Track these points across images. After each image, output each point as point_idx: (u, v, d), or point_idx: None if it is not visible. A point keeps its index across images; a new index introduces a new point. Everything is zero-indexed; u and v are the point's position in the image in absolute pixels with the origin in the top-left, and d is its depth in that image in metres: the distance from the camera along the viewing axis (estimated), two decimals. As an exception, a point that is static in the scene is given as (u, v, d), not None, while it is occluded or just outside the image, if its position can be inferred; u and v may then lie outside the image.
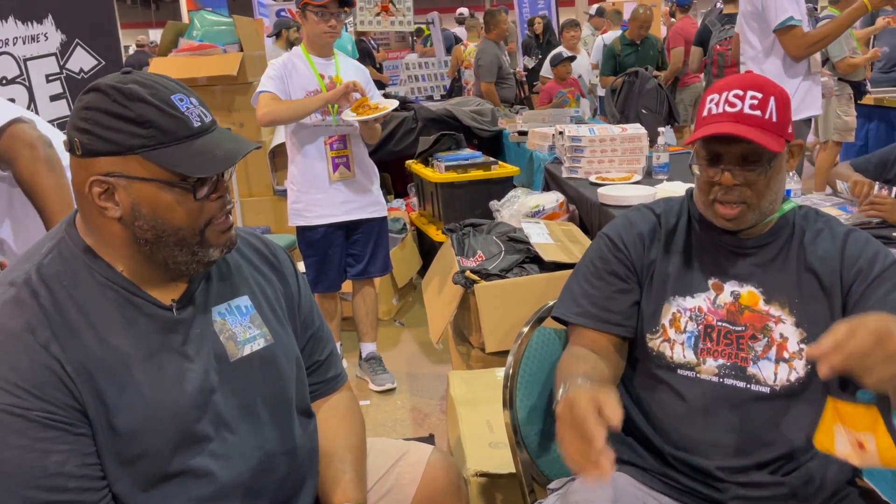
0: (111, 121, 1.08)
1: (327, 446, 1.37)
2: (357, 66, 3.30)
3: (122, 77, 1.12)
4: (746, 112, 1.34)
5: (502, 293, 2.72)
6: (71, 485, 1.07)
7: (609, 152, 3.55)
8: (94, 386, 1.10)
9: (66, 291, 1.12)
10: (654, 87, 4.25)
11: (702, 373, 1.40)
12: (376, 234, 3.35)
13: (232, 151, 1.13)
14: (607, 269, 1.49)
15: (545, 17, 9.52)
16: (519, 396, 1.56)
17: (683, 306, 1.44)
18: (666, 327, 1.44)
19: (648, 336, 1.45)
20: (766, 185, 1.37)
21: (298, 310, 1.39)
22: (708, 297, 1.43)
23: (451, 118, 5.35)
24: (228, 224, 1.19)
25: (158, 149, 1.09)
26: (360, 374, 3.54)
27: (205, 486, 1.18)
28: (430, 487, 1.43)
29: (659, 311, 1.45)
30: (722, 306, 1.42)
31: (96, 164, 1.09)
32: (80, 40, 2.25)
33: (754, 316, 1.40)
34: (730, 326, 1.41)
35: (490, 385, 2.37)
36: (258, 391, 1.26)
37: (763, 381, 1.38)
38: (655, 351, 1.44)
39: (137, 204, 1.11)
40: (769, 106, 1.35)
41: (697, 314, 1.43)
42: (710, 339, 1.41)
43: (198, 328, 1.21)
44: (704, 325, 1.42)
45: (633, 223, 1.52)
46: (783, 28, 3.21)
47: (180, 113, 1.10)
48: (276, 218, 5.00)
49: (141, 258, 1.16)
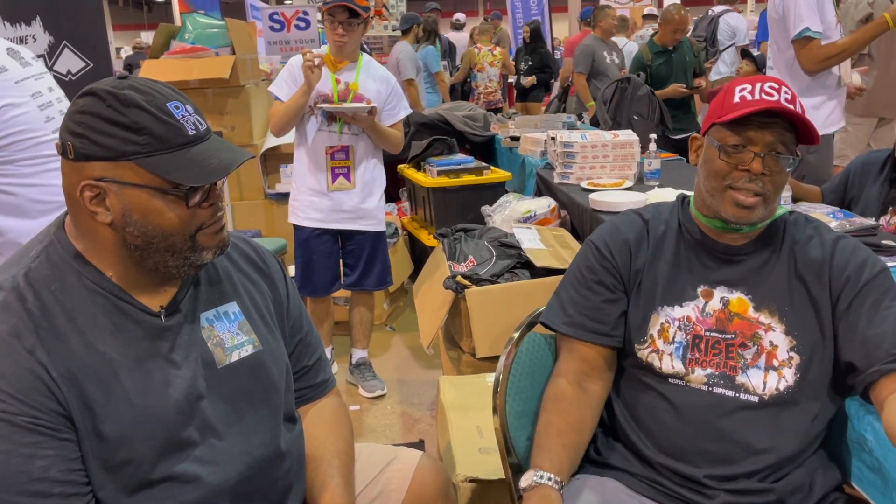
0: (106, 126, 1.07)
1: (315, 452, 1.37)
2: (384, 76, 3.22)
3: (119, 82, 1.11)
4: (784, 103, 1.32)
5: (493, 298, 2.71)
6: (55, 490, 1.06)
7: (601, 158, 3.56)
8: (80, 392, 1.09)
9: (54, 296, 1.11)
10: (646, 93, 4.26)
11: (691, 382, 1.40)
12: (370, 248, 3.32)
13: (227, 161, 1.13)
14: (594, 278, 1.48)
15: (533, 23, 9.52)
16: (508, 402, 1.56)
17: (671, 316, 1.43)
18: (654, 337, 1.43)
19: (637, 346, 1.44)
20: (784, 181, 1.37)
21: (287, 315, 1.39)
22: (696, 306, 1.42)
23: (444, 123, 5.35)
24: (220, 225, 1.19)
25: (153, 156, 1.08)
26: (350, 379, 3.53)
27: (191, 492, 1.17)
28: (419, 493, 1.43)
29: (647, 321, 1.44)
30: (711, 314, 1.41)
31: (88, 169, 1.08)
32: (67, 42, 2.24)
33: (743, 324, 1.39)
34: (718, 335, 1.40)
35: (480, 390, 2.36)
36: (246, 397, 1.26)
37: (752, 390, 1.37)
38: (644, 361, 1.44)
39: (128, 210, 1.10)
40: (799, 105, 1.34)
41: (686, 324, 1.41)
42: (699, 350, 1.40)
43: (185, 335, 1.21)
44: (693, 335, 1.41)
45: (620, 229, 1.51)
46: (800, 39, 3.08)
47: (176, 121, 1.10)
48: (266, 222, 4.98)
49: (130, 263, 1.15)
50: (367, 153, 3.20)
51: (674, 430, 1.39)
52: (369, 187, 3.24)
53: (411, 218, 4.87)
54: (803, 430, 1.37)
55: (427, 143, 4.60)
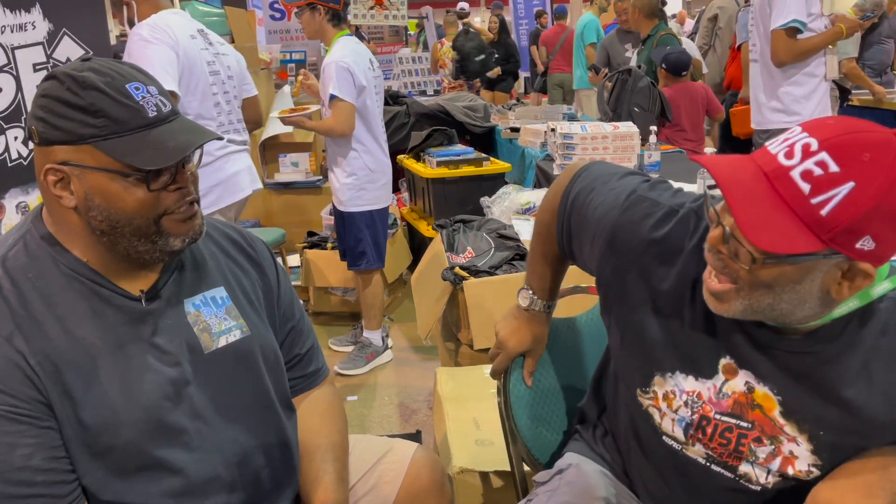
0: (64, 109, 1.06)
1: (308, 443, 1.36)
2: (325, 63, 3.33)
3: (79, 65, 1.10)
4: (792, 176, 0.91)
5: (491, 290, 2.71)
6: (38, 479, 1.06)
7: (601, 150, 3.55)
8: (59, 379, 1.09)
9: (31, 283, 1.11)
10: (647, 85, 4.24)
11: (688, 451, 1.20)
12: (338, 224, 3.54)
13: (184, 143, 1.10)
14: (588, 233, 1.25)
15: (499, 14, 9.45)
16: (512, 381, 1.55)
17: (681, 387, 1.15)
18: (658, 397, 1.20)
19: (639, 392, 1.22)
20: (755, 282, 0.96)
21: (278, 302, 1.37)
22: (714, 385, 1.13)
23: (444, 113, 5.34)
24: (191, 213, 1.16)
25: (110, 139, 1.06)
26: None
27: (179, 479, 1.17)
28: (414, 485, 1.42)
29: (651, 377, 1.19)
30: (728, 395, 1.12)
31: (52, 153, 1.08)
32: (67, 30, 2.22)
33: (766, 421, 1.10)
34: (732, 421, 1.12)
35: (478, 382, 2.36)
36: (234, 383, 1.25)
37: (754, 480, 1.14)
38: (644, 408, 1.23)
39: (90, 194, 1.09)
40: (837, 192, 0.88)
41: (694, 401, 1.15)
42: (703, 433, 1.15)
43: (169, 319, 1.20)
44: (700, 415, 1.15)
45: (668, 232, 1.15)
46: (786, 28, 3.12)
47: (135, 102, 1.08)
48: (265, 212, 4.97)
49: (102, 249, 1.14)
50: (327, 139, 3.47)
51: (661, 482, 1.26)
52: (337, 165, 3.43)
53: (410, 208, 4.87)
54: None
55: (427, 134, 4.59)
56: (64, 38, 2.26)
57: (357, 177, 3.38)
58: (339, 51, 3.25)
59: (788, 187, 0.91)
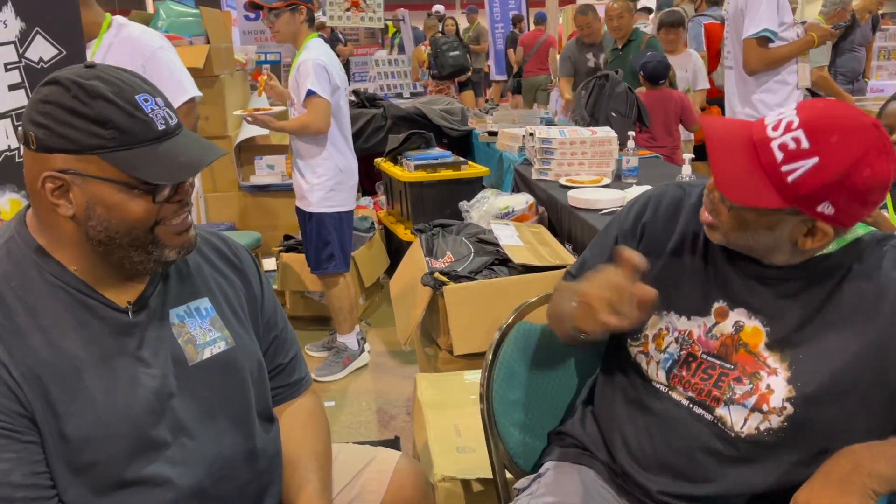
0: (69, 117, 1.03)
1: (291, 452, 1.34)
2: (300, 61, 3.28)
3: (85, 71, 1.06)
4: (771, 146, 1.12)
5: (471, 295, 2.70)
6: (18, 495, 1.03)
7: (579, 155, 3.56)
8: (42, 391, 1.06)
9: (14, 293, 1.07)
10: (625, 90, 4.25)
11: (673, 393, 1.31)
12: (304, 227, 3.45)
13: (196, 159, 1.09)
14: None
15: (444, 16, 9.53)
16: (497, 389, 1.54)
17: (674, 325, 1.31)
18: (648, 339, 1.34)
19: (630, 342, 1.36)
20: (733, 223, 1.20)
21: (261, 311, 1.36)
22: (704, 324, 1.29)
23: (421, 116, 5.33)
24: (185, 226, 1.14)
25: (119, 151, 1.04)
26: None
27: (163, 494, 1.14)
28: (397, 495, 1.42)
29: (644, 320, 1.32)
30: (717, 337, 1.27)
31: (51, 160, 1.04)
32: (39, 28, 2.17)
33: (749, 359, 1.24)
34: (717, 362, 1.27)
35: (458, 389, 2.35)
36: (218, 395, 1.23)
37: (729, 426, 1.24)
38: (633, 358, 1.36)
39: (92, 203, 1.06)
40: (802, 164, 1.09)
41: (685, 339, 1.30)
42: (687, 369, 1.29)
43: (154, 331, 1.17)
44: (688, 352, 1.29)
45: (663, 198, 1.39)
46: (757, 37, 3.19)
47: (144, 115, 1.05)
48: (240, 214, 4.92)
49: (95, 258, 1.11)
50: (294, 139, 3.40)
51: (645, 435, 1.33)
52: (303, 165, 3.37)
53: (388, 212, 4.84)
54: (784, 471, 1.23)
55: (404, 137, 4.57)
56: (37, 37, 2.21)
57: (328, 177, 3.33)
58: (313, 50, 3.23)
59: (766, 154, 1.11)
